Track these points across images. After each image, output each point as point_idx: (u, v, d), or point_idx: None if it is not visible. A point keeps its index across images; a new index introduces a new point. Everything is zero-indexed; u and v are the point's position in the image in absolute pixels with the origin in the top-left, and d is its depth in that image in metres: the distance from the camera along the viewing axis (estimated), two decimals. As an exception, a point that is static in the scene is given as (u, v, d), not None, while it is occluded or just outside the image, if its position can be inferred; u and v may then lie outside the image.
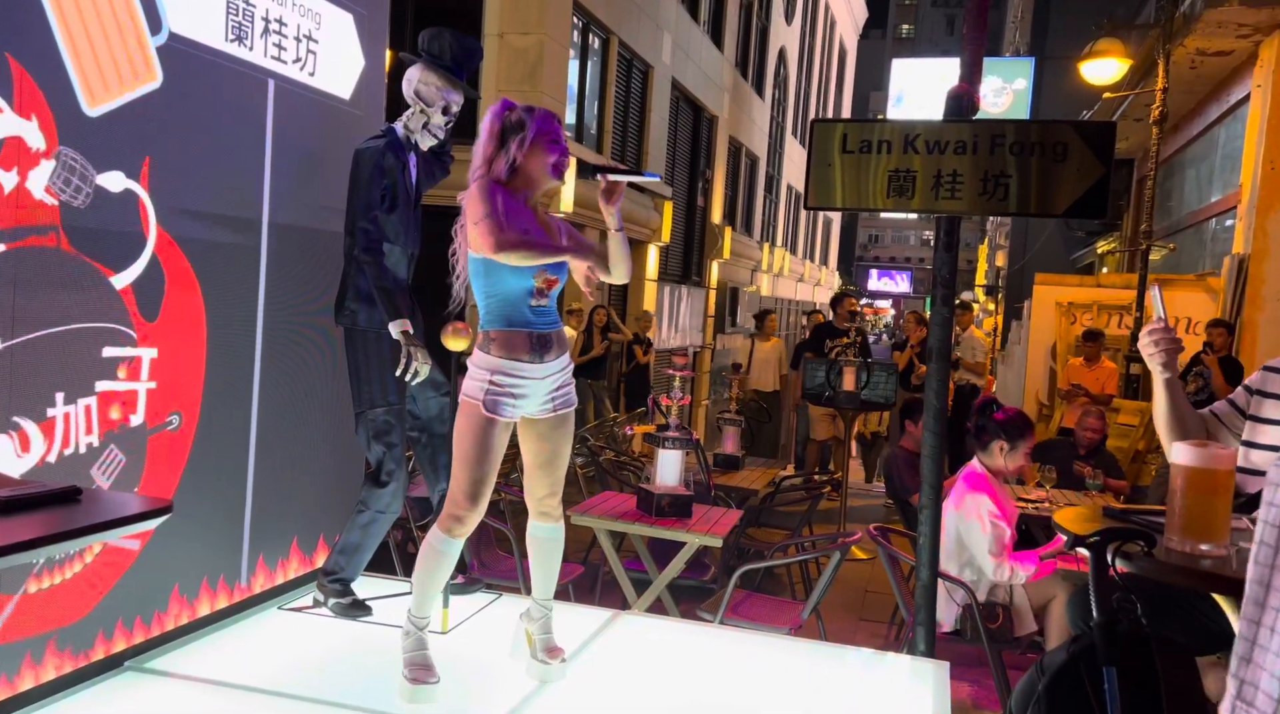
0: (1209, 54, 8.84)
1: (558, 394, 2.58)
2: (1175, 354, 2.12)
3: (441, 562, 2.52)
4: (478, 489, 2.47)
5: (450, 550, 2.51)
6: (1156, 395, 2.16)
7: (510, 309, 2.49)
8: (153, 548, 2.67)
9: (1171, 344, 2.11)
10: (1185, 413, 2.15)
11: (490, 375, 2.47)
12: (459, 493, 2.48)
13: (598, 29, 11.14)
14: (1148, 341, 2.12)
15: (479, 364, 2.50)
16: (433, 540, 2.51)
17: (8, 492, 1.39)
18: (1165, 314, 2.13)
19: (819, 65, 26.49)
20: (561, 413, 2.61)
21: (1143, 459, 7.82)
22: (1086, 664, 1.71)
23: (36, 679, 2.37)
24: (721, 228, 16.66)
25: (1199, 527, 1.75)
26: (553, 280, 2.53)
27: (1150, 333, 2.12)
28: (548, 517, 2.68)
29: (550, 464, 2.64)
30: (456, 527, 2.49)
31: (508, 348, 2.48)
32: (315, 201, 3.24)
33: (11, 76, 2.17)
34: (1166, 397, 2.14)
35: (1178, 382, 2.15)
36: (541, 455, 2.63)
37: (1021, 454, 3.74)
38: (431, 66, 3.04)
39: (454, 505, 2.48)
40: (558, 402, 2.59)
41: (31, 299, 2.26)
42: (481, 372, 2.48)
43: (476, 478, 2.47)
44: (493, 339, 2.49)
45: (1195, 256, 10.84)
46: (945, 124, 3.09)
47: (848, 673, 3.08)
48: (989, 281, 26.21)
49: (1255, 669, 1.12)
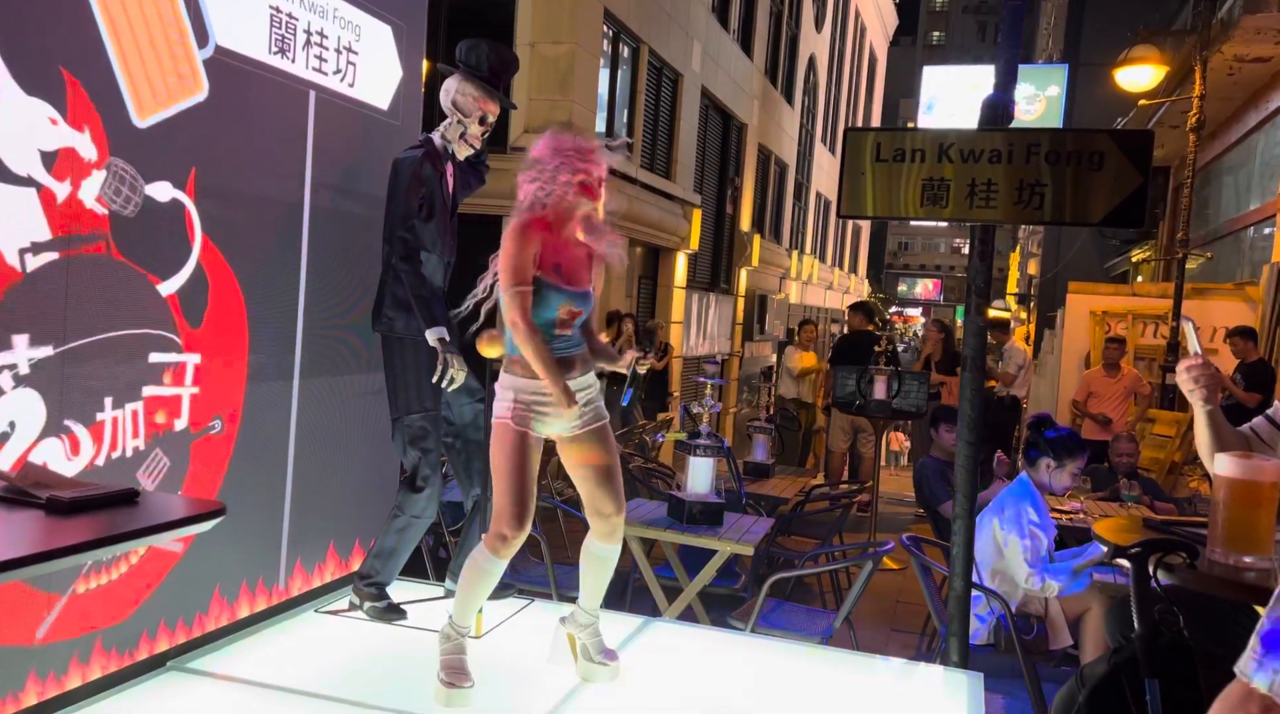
0: (1247, 60, 8.73)
1: (585, 410, 2.62)
2: (1215, 388, 2.13)
3: (486, 579, 2.58)
4: (521, 510, 2.51)
5: (496, 569, 2.57)
6: (1199, 428, 2.18)
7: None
8: (195, 551, 2.72)
9: (1211, 379, 2.12)
10: (1227, 438, 2.17)
11: (515, 394, 2.54)
12: (504, 515, 2.51)
13: (628, 38, 11.20)
14: (1186, 378, 2.13)
15: (504, 385, 2.58)
16: (478, 559, 2.56)
17: (72, 493, 1.44)
18: (1200, 348, 2.14)
19: (849, 72, 26.39)
20: (594, 427, 2.64)
21: (1179, 470, 7.71)
22: (1128, 676, 1.70)
23: (84, 678, 2.42)
24: (750, 235, 16.63)
25: (1243, 539, 1.73)
26: (576, 312, 2.60)
27: (1189, 370, 2.13)
28: (612, 537, 2.69)
29: (608, 477, 2.65)
30: (503, 547, 2.53)
31: (530, 370, 2.53)
32: (354, 210, 3.29)
33: (65, 89, 2.23)
34: (1209, 427, 2.15)
35: (1219, 411, 2.16)
36: (593, 469, 2.65)
37: (1068, 473, 3.72)
38: (469, 77, 3.08)
39: (501, 525, 2.52)
40: (586, 417, 2.62)
41: (82, 306, 2.32)
42: (506, 392, 2.56)
43: (519, 499, 2.51)
44: (515, 361, 2.56)
45: (1232, 265, 10.68)
46: (980, 133, 3.08)
47: (881, 683, 3.06)
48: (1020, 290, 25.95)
49: None
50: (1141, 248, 15.20)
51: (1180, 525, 2.10)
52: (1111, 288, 10.87)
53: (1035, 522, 3.56)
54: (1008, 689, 3.35)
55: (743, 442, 7.47)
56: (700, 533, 3.97)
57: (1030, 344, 15.42)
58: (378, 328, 3.10)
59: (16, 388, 2.18)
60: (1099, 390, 7.69)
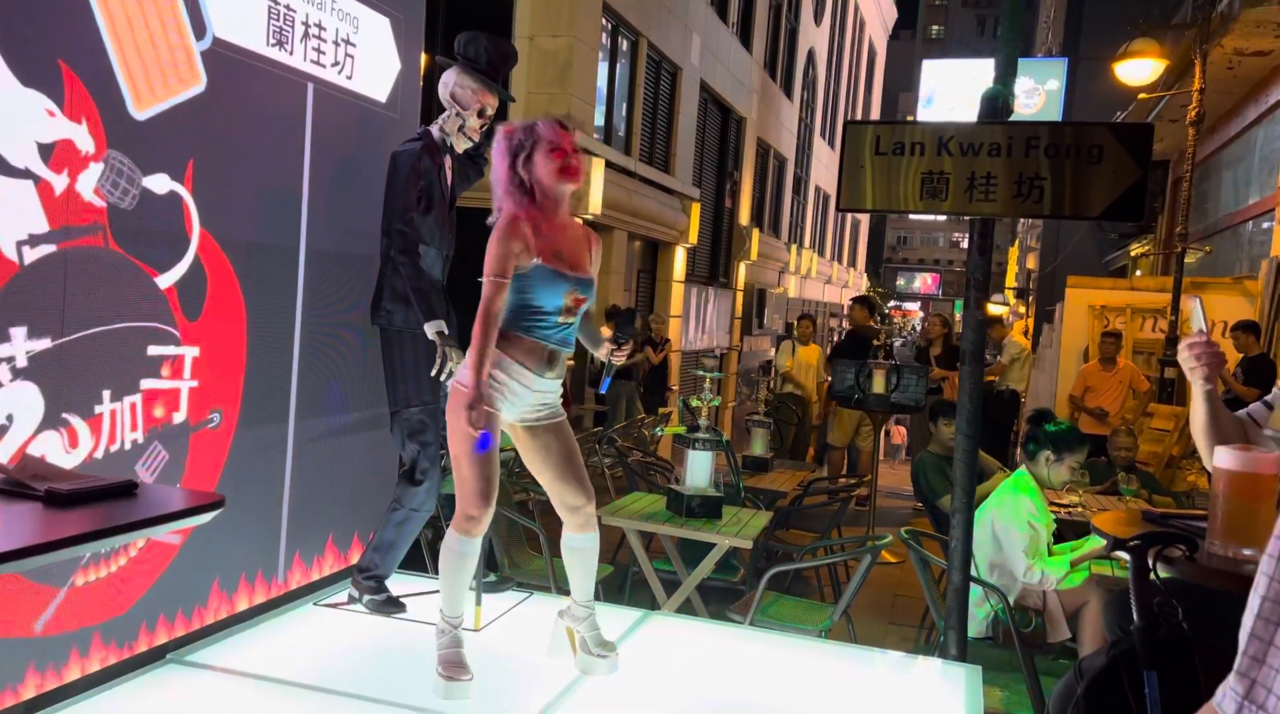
0: (1247, 54, 8.72)
1: (543, 407, 2.62)
2: (1217, 367, 2.09)
3: (464, 562, 2.55)
4: (488, 487, 2.49)
5: (470, 550, 2.55)
6: (1195, 407, 2.13)
7: (536, 320, 2.53)
8: (194, 544, 2.72)
9: (1213, 357, 2.07)
10: (1224, 421, 2.13)
11: (490, 367, 2.47)
12: (470, 494, 2.49)
13: (627, 31, 11.17)
14: (1188, 355, 2.09)
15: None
16: (450, 543, 2.54)
17: (69, 485, 1.43)
18: (1207, 326, 2.11)
19: (848, 66, 26.34)
20: (553, 422, 2.64)
21: (1177, 465, 7.71)
22: (1127, 668, 1.70)
23: (83, 671, 2.42)
24: (749, 229, 16.63)
25: (1241, 531, 1.73)
26: (581, 299, 2.58)
27: (1191, 347, 2.09)
28: (587, 526, 2.69)
29: (569, 464, 2.64)
30: (473, 526, 2.52)
31: (523, 352, 2.52)
32: (352, 203, 3.29)
33: (62, 80, 2.22)
34: (1206, 408, 2.11)
35: (1217, 394, 2.12)
36: (554, 461, 2.63)
37: (1066, 468, 3.73)
38: (468, 70, 3.07)
39: (466, 505, 2.50)
40: (542, 414, 2.62)
41: (80, 298, 2.31)
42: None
43: (485, 475, 2.48)
44: (509, 339, 2.52)
45: (1231, 259, 10.69)
46: (979, 126, 3.08)
47: (879, 676, 3.07)
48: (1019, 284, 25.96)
49: (1268, 671, 1.11)
50: (1140, 242, 15.20)
51: (1179, 518, 2.10)
52: (1110, 282, 10.85)
53: (1034, 515, 3.56)
54: (1005, 682, 3.35)
55: (741, 436, 7.47)
56: (699, 526, 3.97)
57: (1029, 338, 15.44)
58: (376, 321, 3.10)
59: (14, 380, 2.18)
60: (1095, 385, 7.70)
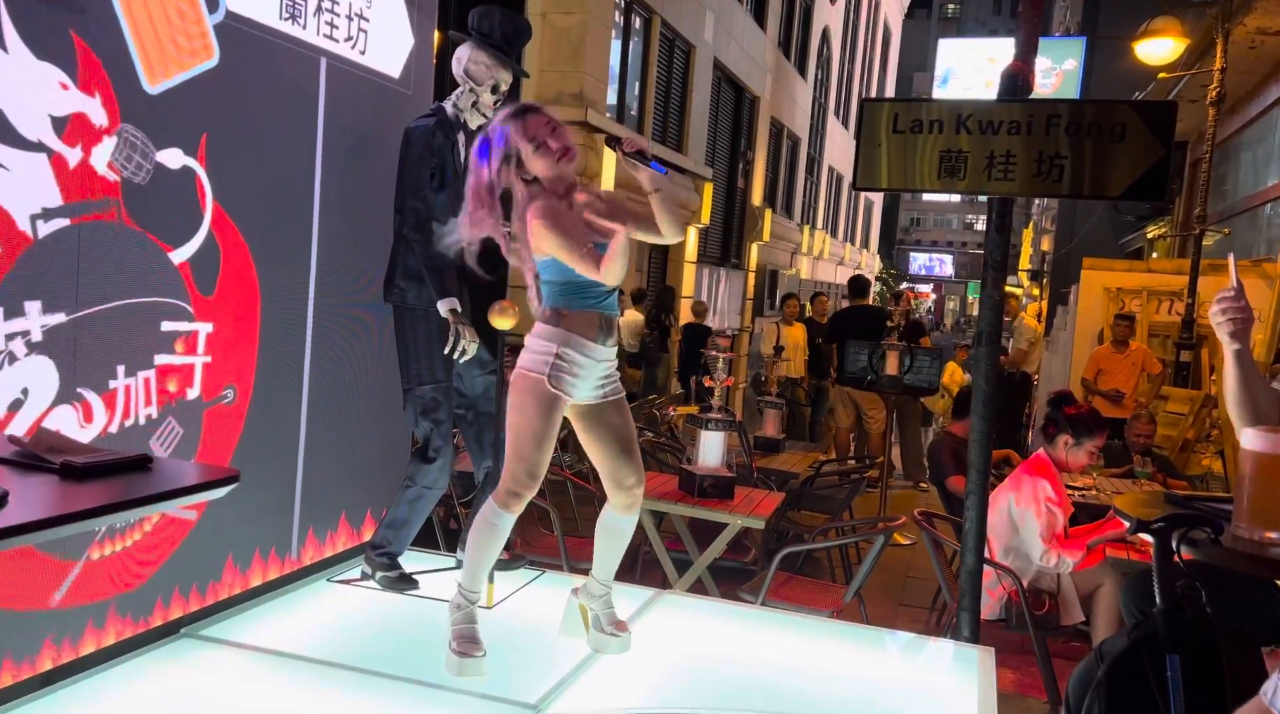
0: (1270, 33, 8.59)
1: (606, 381, 2.59)
2: (1246, 324, 1.98)
3: (496, 536, 2.55)
4: (539, 468, 2.50)
5: (505, 525, 2.54)
6: (1227, 371, 2.02)
7: (583, 292, 2.51)
8: (208, 519, 2.73)
9: (1241, 313, 1.97)
10: (1257, 388, 2.00)
11: (558, 347, 2.47)
12: (522, 472, 2.49)
13: (640, 8, 11.08)
14: (1216, 310, 1.99)
15: (546, 337, 2.49)
16: (488, 515, 2.53)
17: (84, 458, 1.43)
18: (1239, 283, 2.02)
19: (863, 45, 26.09)
20: (614, 399, 2.62)
21: (1191, 448, 7.67)
22: (1149, 651, 1.68)
23: (98, 644, 2.44)
24: (761, 210, 16.54)
25: (1268, 515, 1.70)
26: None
27: (1220, 301, 1.98)
28: (631, 509, 2.67)
29: (628, 447, 2.63)
30: (515, 503, 2.51)
31: (580, 325, 2.49)
32: (365, 179, 3.27)
33: (75, 54, 2.21)
34: (1237, 370, 1.99)
35: (1248, 353, 2.00)
36: (614, 438, 2.62)
37: (1085, 451, 3.70)
38: (481, 45, 3.04)
39: (515, 483, 2.50)
40: (606, 389, 2.60)
41: (94, 273, 2.31)
42: (547, 345, 2.48)
43: (538, 457, 2.49)
44: (563, 316, 2.49)
45: (1250, 242, 10.57)
46: (998, 104, 3.03)
47: (892, 657, 3.06)
48: (1033, 266, 25.79)
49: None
50: (1156, 224, 15.06)
51: (1201, 501, 2.07)
52: (1126, 264, 10.76)
53: (1053, 497, 3.54)
54: (1017, 664, 3.35)
55: (753, 416, 7.45)
56: (711, 506, 3.96)
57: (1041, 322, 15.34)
58: (389, 298, 3.09)
59: (30, 354, 2.17)
60: (1108, 367, 7.64)
